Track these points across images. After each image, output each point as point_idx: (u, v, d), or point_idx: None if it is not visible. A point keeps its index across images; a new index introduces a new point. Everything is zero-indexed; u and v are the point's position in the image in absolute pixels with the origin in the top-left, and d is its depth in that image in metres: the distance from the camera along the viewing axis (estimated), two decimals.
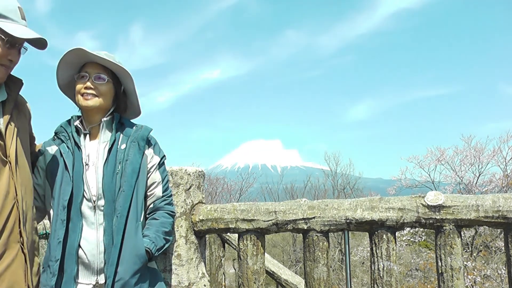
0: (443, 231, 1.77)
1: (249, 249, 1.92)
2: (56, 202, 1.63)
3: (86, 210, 1.62)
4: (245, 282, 1.92)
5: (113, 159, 1.65)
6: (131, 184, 1.64)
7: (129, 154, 1.67)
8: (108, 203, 1.61)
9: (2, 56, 1.57)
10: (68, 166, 1.63)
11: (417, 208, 1.78)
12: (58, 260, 1.57)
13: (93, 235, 1.61)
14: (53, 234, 1.61)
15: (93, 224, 1.62)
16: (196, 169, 2.01)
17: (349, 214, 1.83)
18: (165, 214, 1.76)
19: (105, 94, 1.69)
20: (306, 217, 1.85)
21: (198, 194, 2.01)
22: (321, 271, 1.86)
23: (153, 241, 1.67)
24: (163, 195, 1.77)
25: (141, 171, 1.68)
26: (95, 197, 1.62)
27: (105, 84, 1.69)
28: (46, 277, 1.58)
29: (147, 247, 1.64)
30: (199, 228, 1.96)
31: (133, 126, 1.76)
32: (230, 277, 10.70)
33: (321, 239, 1.87)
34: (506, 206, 1.71)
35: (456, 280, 1.74)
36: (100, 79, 1.68)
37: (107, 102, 1.71)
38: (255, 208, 1.92)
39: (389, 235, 1.82)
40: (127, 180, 1.63)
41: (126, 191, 1.62)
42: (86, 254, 1.60)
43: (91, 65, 1.70)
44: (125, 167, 1.64)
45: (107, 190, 1.61)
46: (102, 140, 1.71)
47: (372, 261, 1.84)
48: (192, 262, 1.95)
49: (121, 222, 1.60)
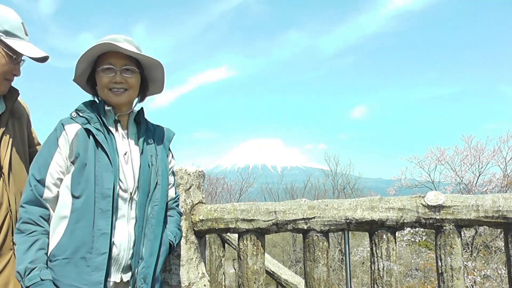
0: (443, 231, 1.77)
1: (249, 249, 1.92)
2: (90, 190, 1.44)
3: (120, 202, 1.51)
4: (245, 282, 1.92)
5: (146, 152, 1.60)
6: (165, 179, 1.63)
7: (157, 150, 1.64)
8: (143, 194, 1.54)
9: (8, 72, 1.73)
10: (107, 151, 1.49)
11: (417, 208, 1.78)
12: (105, 253, 1.41)
13: (125, 229, 1.50)
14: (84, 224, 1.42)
15: (124, 217, 1.52)
16: (196, 169, 2.01)
17: (349, 214, 1.83)
18: (177, 213, 1.77)
19: (134, 86, 1.60)
20: (306, 217, 1.85)
21: (198, 194, 2.01)
22: (321, 271, 1.86)
23: (175, 235, 1.68)
24: (175, 196, 1.78)
25: (168, 169, 1.68)
26: (131, 189, 1.53)
27: (134, 76, 1.59)
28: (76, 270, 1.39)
29: (170, 240, 1.64)
30: (199, 228, 1.96)
31: (152, 125, 1.72)
32: (230, 277, 10.70)
33: (321, 239, 1.87)
34: (506, 206, 1.71)
35: (456, 280, 1.74)
36: (129, 72, 1.57)
37: (136, 93, 1.64)
38: (255, 208, 1.92)
39: (389, 235, 1.82)
40: (163, 174, 1.61)
41: (163, 186, 1.59)
42: (117, 248, 1.48)
43: (115, 55, 1.56)
44: (158, 162, 1.60)
45: (144, 181, 1.54)
46: (131, 131, 1.65)
47: (372, 261, 1.84)
48: (192, 262, 1.95)
49: (161, 214, 1.56)
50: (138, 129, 1.65)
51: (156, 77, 1.68)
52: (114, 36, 1.56)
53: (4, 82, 1.71)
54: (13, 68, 1.71)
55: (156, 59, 1.59)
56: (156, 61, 1.59)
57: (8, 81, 1.73)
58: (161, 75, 1.66)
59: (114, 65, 1.55)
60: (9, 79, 1.73)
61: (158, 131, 1.70)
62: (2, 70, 1.67)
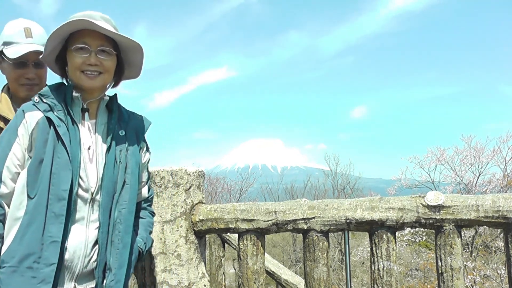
0: (443, 231, 1.77)
1: (249, 249, 1.92)
2: (43, 189, 1.29)
3: (79, 203, 1.35)
4: (245, 282, 1.92)
5: (114, 146, 1.42)
6: (136, 178, 1.45)
7: (129, 142, 1.46)
8: (107, 196, 1.37)
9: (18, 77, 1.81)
10: (66, 145, 1.31)
11: (417, 208, 1.78)
12: (54, 264, 1.26)
13: (82, 233, 1.34)
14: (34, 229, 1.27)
15: (83, 220, 1.35)
16: (196, 169, 2.01)
17: (349, 214, 1.83)
18: (149, 214, 1.62)
19: (110, 70, 1.44)
20: (306, 217, 1.85)
21: (198, 194, 2.01)
22: (321, 271, 1.86)
23: (145, 241, 1.53)
24: (148, 196, 1.62)
25: (140, 165, 1.50)
26: (93, 188, 1.36)
27: (110, 59, 1.42)
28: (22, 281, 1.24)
29: (140, 247, 1.49)
30: (199, 228, 1.96)
31: (127, 112, 1.54)
32: (230, 277, 10.70)
33: (321, 239, 1.87)
34: (506, 206, 1.71)
35: (456, 280, 1.74)
36: (104, 53, 1.40)
37: (111, 77, 1.47)
38: (255, 208, 1.92)
39: (389, 235, 1.82)
40: (132, 172, 1.43)
41: (132, 185, 1.42)
42: (70, 255, 1.32)
43: (90, 33, 1.39)
44: (128, 157, 1.43)
45: (108, 181, 1.38)
46: (100, 121, 1.46)
47: (372, 261, 1.84)
48: (192, 262, 1.95)
49: (129, 219, 1.41)
50: (109, 118, 1.47)
51: (133, 61, 1.52)
52: (90, 12, 1.40)
53: (20, 87, 1.82)
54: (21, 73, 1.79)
55: (136, 41, 1.43)
56: (135, 43, 1.43)
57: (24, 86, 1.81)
58: (140, 59, 1.50)
59: (89, 45, 1.38)
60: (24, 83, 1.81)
61: (132, 120, 1.53)
62: (10, 77, 1.81)
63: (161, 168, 1.96)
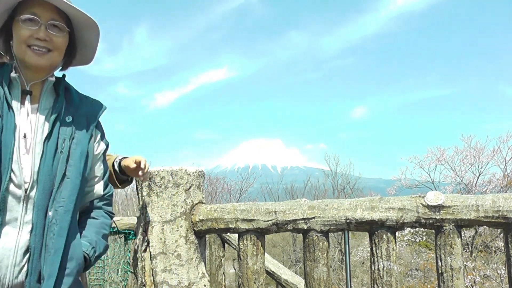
0: (443, 231, 1.77)
1: (249, 249, 1.92)
2: None
3: (11, 200, 1.15)
4: (245, 282, 1.92)
5: (56, 134, 1.23)
6: (79, 171, 1.24)
7: (76, 131, 1.27)
8: (42, 192, 1.17)
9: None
10: None
11: (417, 208, 1.78)
12: None
13: (12, 237, 1.14)
14: None
15: (16, 221, 1.15)
16: (196, 169, 2.01)
17: (349, 214, 1.83)
18: (104, 214, 1.42)
19: (60, 48, 1.27)
20: (306, 217, 1.85)
21: (198, 194, 2.01)
22: (321, 271, 1.86)
23: (93, 245, 1.31)
24: (104, 193, 1.42)
25: (89, 156, 1.31)
26: (27, 184, 1.17)
27: (61, 36, 1.26)
28: None
29: (85, 252, 1.27)
30: (199, 228, 1.96)
31: (79, 95, 1.37)
32: (230, 277, 10.71)
33: (321, 239, 1.87)
34: (506, 206, 1.71)
35: (456, 280, 1.74)
36: (56, 29, 1.25)
37: (60, 57, 1.30)
38: (255, 208, 1.92)
39: (389, 235, 1.82)
40: (75, 164, 1.23)
41: (73, 179, 1.22)
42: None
43: (41, 4, 1.23)
44: (72, 147, 1.24)
45: (44, 175, 1.18)
46: (44, 106, 1.27)
47: (372, 261, 1.84)
48: (192, 262, 1.95)
49: (65, 220, 1.19)
50: (55, 102, 1.28)
51: (88, 42, 1.36)
52: None
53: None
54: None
55: (92, 18, 1.30)
56: (91, 20, 1.30)
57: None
58: (95, 40, 1.35)
59: (39, 16, 1.23)
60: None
61: (84, 105, 1.35)
62: None
63: (161, 168, 1.96)
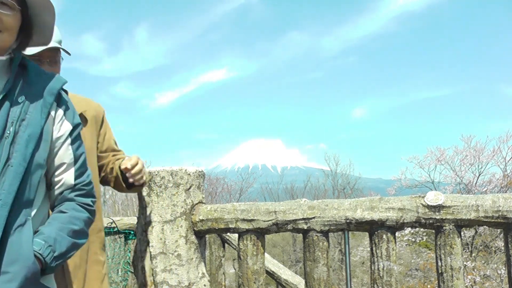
0: (443, 231, 1.77)
1: (249, 249, 1.92)
2: None
3: None
4: (245, 282, 1.92)
5: (4, 117, 1.09)
6: (24, 157, 1.09)
7: (28, 111, 1.13)
8: None
9: None
10: None
11: (417, 208, 1.78)
12: None
13: None
14: None
15: None
16: (196, 169, 2.01)
17: (349, 214, 1.83)
18: (77, 206, 1.23)
19: (10, 28, 1.15)
20: (306, 217, 1.85)
21: (198, 194, 2.01)
22: (321, 271, 1.86)
23: (50, 243, 1.11)
24: (75, 183, 1.23)
25: (43, 140, 1.15)
26: None
27: (12, 14, 1.13)
28: None
29: (37, 251, 1.08)
30: (199, 228, 1.96)
31: (36, 72, 1.23)
32: (230, 277, 10.71)
33: (321, 239, 1.87)
34: (506, 206, 1.71)
35: (456, 280, 1.74)
36: (6, 7, 1.12)
37: (12, 38, 1.17)
38: (255, 208, 1.92)
39: (389, 235, 1.82)
40: (20, 149, 1.08)
41: (15, 167, 1.07)
42: None
43: None
44: (19, 131, 1.10)
45: None
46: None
47: (372, 261, 1.84)
48: (192, 262, 1.95)
49: (2, 215, 1.03)
50: (6, 84, 1.15)
51: (43, 22, 1.25)
52: None
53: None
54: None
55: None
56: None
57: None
58: (51, 20, 1.24)
59: None
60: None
61: (40, 81, 1.20)
62: None
63: (161, 168, 1.96)
